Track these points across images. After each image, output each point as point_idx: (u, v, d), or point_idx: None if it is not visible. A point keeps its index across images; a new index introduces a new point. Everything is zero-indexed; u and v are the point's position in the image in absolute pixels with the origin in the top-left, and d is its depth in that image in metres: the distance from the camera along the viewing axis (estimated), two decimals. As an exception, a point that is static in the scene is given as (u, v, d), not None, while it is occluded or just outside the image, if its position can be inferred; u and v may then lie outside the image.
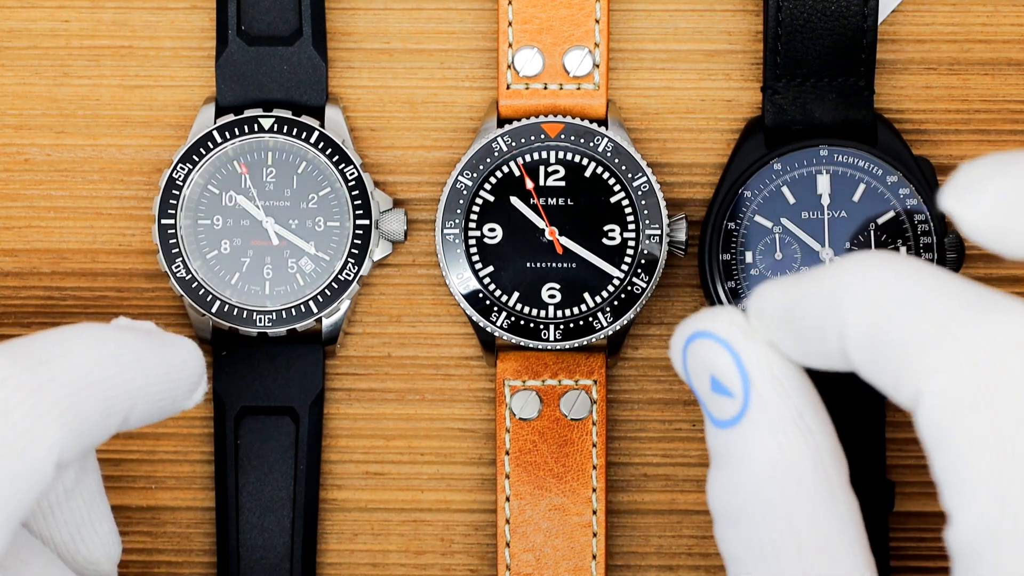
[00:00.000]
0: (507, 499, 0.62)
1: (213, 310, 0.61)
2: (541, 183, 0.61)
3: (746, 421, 0.48)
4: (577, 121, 0.61)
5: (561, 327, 0.61)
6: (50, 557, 0.52)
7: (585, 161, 0.61)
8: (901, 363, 0.45)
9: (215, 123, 0.61)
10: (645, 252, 0.61)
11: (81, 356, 0.49)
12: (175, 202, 0.61)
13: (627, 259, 0.61)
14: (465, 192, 0.61)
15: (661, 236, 0.61)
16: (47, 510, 0.53)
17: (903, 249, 0.61)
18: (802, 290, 0.48)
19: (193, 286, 0.61)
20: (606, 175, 0.61)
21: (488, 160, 0.61)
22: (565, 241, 0.61)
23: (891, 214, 0.61)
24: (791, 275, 0.49)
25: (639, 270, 0.61)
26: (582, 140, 0.61)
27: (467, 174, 0.61)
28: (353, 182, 0.61)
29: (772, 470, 0.48)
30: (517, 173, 0.61)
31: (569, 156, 0.61)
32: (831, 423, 0.49)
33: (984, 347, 0.44)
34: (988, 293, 0.45)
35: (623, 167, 0.61)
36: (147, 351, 0.51)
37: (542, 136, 0.61)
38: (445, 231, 0.61)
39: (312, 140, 0.61)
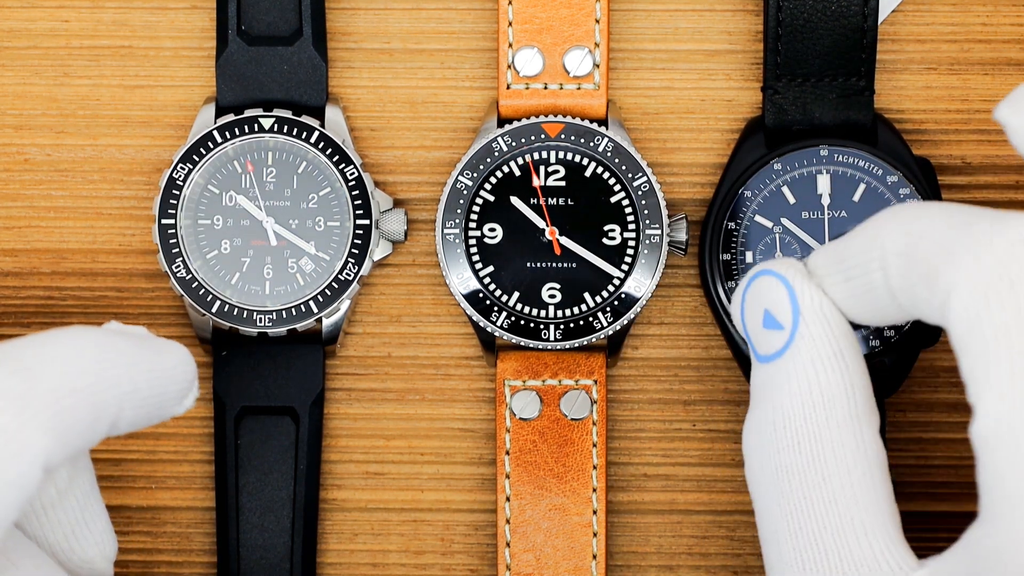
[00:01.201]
0: (507, 499, 0.62)
1: (213, 310, 0.61)
2: (541, 183, 0.61)
3: (790, 352, 0.51)
4: (577, 121, 0.61)
5: (561, 327, 0.61)
6: (42, 559, 0.52)
7: (585, 161, 0.61)
8: (934, 271, 0.48)
9: (215, 123, 0.61)
10: (645, 252, 0.61)
11: (69, 361, 0.49)
12: (175, 202, 0.61)
13: (627, 259, 0.61)
14: (465, 192, 0.61)
15: (661, 236, 0.61)
16: (40, 511, 0.53)
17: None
18: (848, 238, 0.51)
19: (193, 286, 0.61)
20: (606, 175, 0.61)
21: (488, 160, 0.61)
22: (565, 241, 0.61)
23: (891, 214, 0.61)
24: (839, 236, 0.53)
25: (639, 270, 0.61)
26: (582, 140, 0.61)
27: (467, 174, 0.61)
28: (353, 182, 0.61)
29: (806, 398, 0.51)
30: (518, 173, 0.61)
31: (569, 156, 0.61)
32: (868, 374, 0.52)
33: (1007, 245, 0.47)
34: (1010, 211, 0.48)
35: (623, 167, 0.61)
36: (137, 356, 0.51)
37: (542, 136, 0.61)
38: (445, 231, 0.61)
39: (312, 140, 0.61)
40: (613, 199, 0.61)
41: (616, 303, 0.61)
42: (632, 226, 0.61)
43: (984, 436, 0.46)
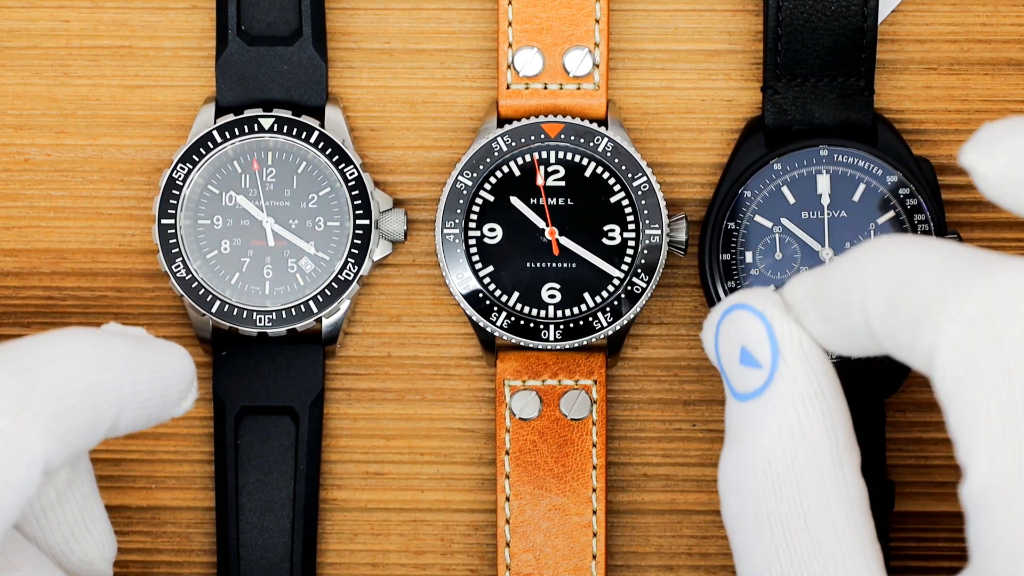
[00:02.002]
0: (507, 499, 0.62)
1: (213, 310, 0.61)
2: (541, 183, 0.61)
3: (769, 392, 0.49)
4: (577, 121, 0.61)
5: (561, 327, 0.61)
6: (42, 560, 0.52)
7: (585, 161, 0.61)
8: (918, 321, 0.46)
9: (215, 123, 0.61)
10: (645, 252, 0.61)
11: (68, 362, 0.49)
12: (175, 202, 0.61)
13: (627, 259, 0.61)
14: (465, 192, 0.61)
15: (661, 236, 0.61)
16: (39, 512, 0.53)
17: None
18: (827, 273, 0.49)
19: (193, 286, 0.61)
20: (606, 175, 0.61)
21: (488, 160, 0.61)
22: (565, 241, 0.61)
23: (891, 214, 0.61)
24: (819, 267, 0.51)
25: (639, 270, 0.61)
26: (582, 140, 0.61)
27: (467, 174, 0.61)
28: (353, 182, 0.61)
29: (787, 441, 0.49)
30: (518, 173, 0.61)
31: (569, 156, 0.61)
32: (848, 411, 0.50)
33: (995, 297, 0.45)
34: (999, 256, 0.46)
35: (623, 167, 0.61)
36: (136, 358, 0.51)
37: (542, 136, 0.61)
38: (445, 231, 0.61)
39: (312, 140, 0.61)
40: (613, 199, 0.61)
41: (616, 303, 0.61)
42: (632, 226, 0.61)
43: (977, 497, 0.45)
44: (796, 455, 0.49)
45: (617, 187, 0.61)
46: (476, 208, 0.61)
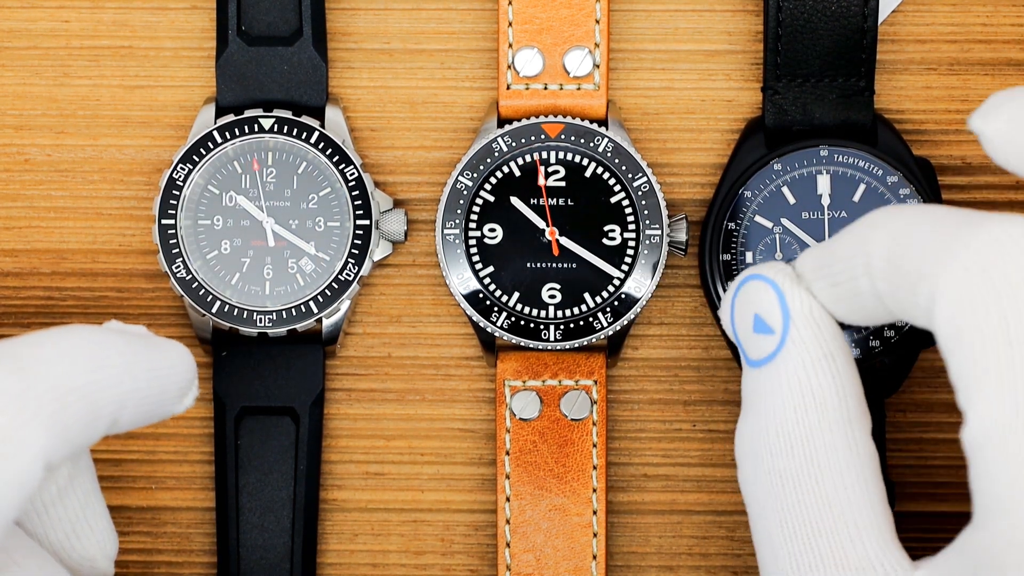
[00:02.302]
0: (507, 499, 0.62)
1: (213, 310, 0.61)
2: (541, 183, 0.61)
3: (781, 356, 0.51)
4: (577, 121, 0.61)
5: (561, 327, 0.61)
6: (44, 557, 0.52)
7: (585, 161, 0.61)
8: (917, 274, 0.48)
9: (215, 123, 0.61)
10: (645, 252, 0.61)
11: (68, 360, 0.49)
12: (175, 202, 0.61)
13: (627, 259, 0.61)
14: (465, 192, 0.61)
15: (661, 236, 0.61)
16: (40, 509, 0.53)
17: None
18: (834, 242, 0.51)
19: (193, 286, 0.61)
20: (606, 175, 0.61)
21: (488, 160, 0.61)
22: (565, 241, 0.61)
23: (891, 214, 0.61)
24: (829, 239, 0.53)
25: (639, 270, 0.61)
26: (582, 140, 0.61)
27: (467, 174, 0.61)
28: (353, 182, 0.61)
29: (798, 401, 0.51)
30: (518, 173, 0.61)
31: (569, 156, 0.61)
32: (858, 376, 0.52)
33: (988, 244, 0.46)
34: (992, 213, 0.48)
35: (623, 167, 0.61)
36: (136, 355, 0.51)
37: (542, 136, 0.61)
38: (445, 231, 0.61)
39: (312, 140, 0.61)
40: (613, 199, 0.61)
41: (616, 303, 0.61)
42: (632, 226, 0.61)
43: (976, 441, 0.46)
44: (807, 414, 0.51)
45: (617, 187, 0.61)
46: (476, 208, 0.61)
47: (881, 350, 0.61)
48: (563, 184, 0.61)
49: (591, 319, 0.61)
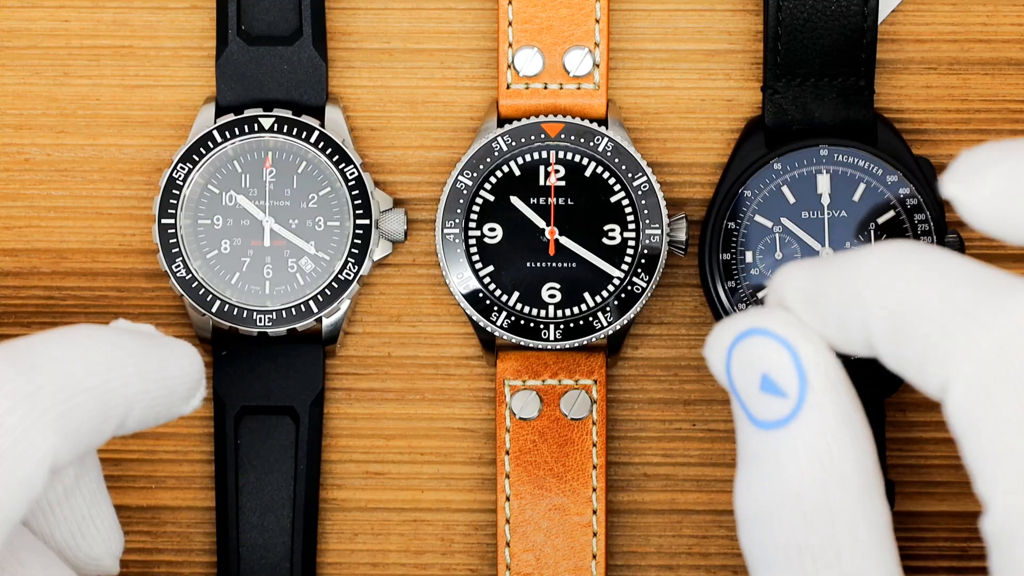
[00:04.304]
0: (507, 499, 0.62)
1: (213, 310, 0.61)
2: (541, 183, 0.61)
3: (797, 422, 0.47)
4: (577, 121, 0.61)
5: (561, 327, 0.61)
6: (49, 557, 0.52)
7: (585, 161, 0.61)
8: (927, 353, 0.45)
9: (215, 123, 0.61)
10: (645, 252, 0.61)
11: (77, 360, 0.49)
12: (175, 202, 0.61)
13: (627, 259, 0.61)
14: (465, 192, 0.61)
15: (661, 236, 0.61)
16: (47, 509, 0.53)
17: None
18: (824, 277, 0.48)
19: (193, 286, 0.61)
20: (606, 175, 0.61)
21: (488, 160, 0.61)
22: (565, 241, 0.61)
23: (891, 214, 0.61)
24: (811, 259, 0.49)
25: (639, 270, 0.61)
26: (582, 140, 0.61)
27: (467, 174, 0.61)
28: (353, 182, 0.61)
29: (818, 471, 0.47)
30: (518, 173, 0.61)
31: (569, 156, 0.61)
32: (871, 434, 0.49)
33: (1009, 330, 0.44)
34: (1009, 277, 0.45)
35: (623, 167, 0.61)
36: (145, 355, 0.50)
37: (542, 136, 0.61)
38: (445, 231, 0.61)
39: (312, 140, 0.61)
40: (613, 199, 0.61)
41: (616, 303, 0.61)
42: (632, 226, 0.61)
43: (999, 532, 0.44)
44: (827, 485, 0.47)
45: (617, 187, 0.61)
46: (476, 208, 0.61)
47: (881, 350, 0.61)
48: (563, 184, 0.61)
49: (591, 318, 0.61)
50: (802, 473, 0.47)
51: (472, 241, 0.61)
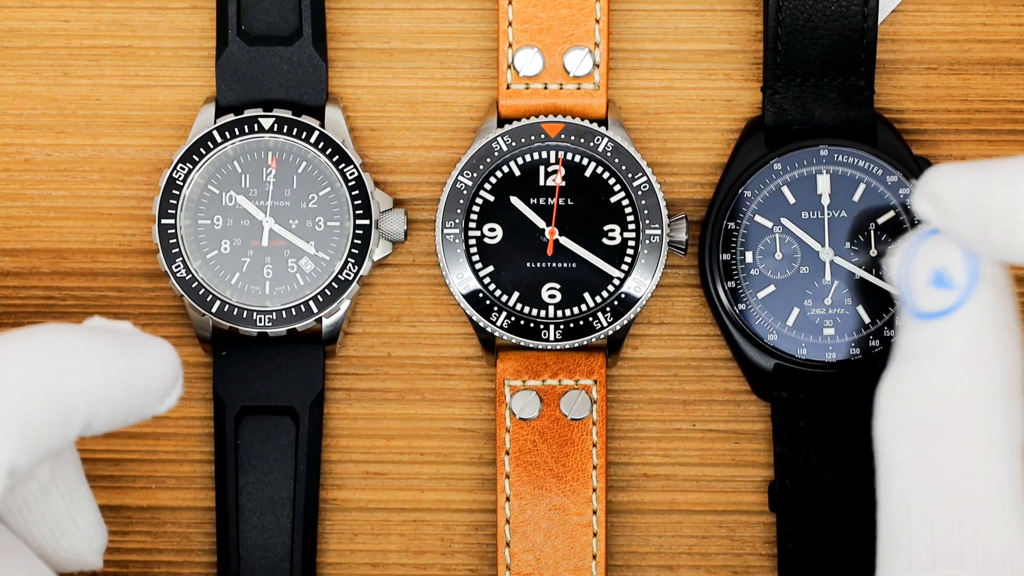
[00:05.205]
0: (507, 499, 0.62)
1: (213, 310, 0.61)
2: (541, 183, 0.61)
3: (960, 313, 0.49)
4: (577, 121, 0.61)
5: (561, 327, 0.61)
6: (25, 553, 0.51)
7: (585, 161, 0.61)
8: None
9: (215, 123, 0.61)
10: (645, 252, 0.61)
11: (37, 363, 0.47)
12: (175, 202, 0.61)
13: (627, 259, 0.61)
14: (465, 192, 0.61)
15: (661, 236, 0.61)
16: (22, 506, 0.51)
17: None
18: (990, 181, 0.48)
19: (193, 286, 0.61)
20: (606, 175, 0.61)
21: (488, 160, 0.61)
22: (565, 241, 0.61)
23: (891, 214, 0.61)
24: (972, 163, 0.50)
25: (639, 270, 0.61)
26: (582, 140, 0.61)
27: (467, 174, 0.61)
28: (353, 182, 0.61)
29: (968, 360, 0.48)
30: (518, 173, 0.61)
31: (569, 156, 0.61)
32: None
33: None
34: None
35: (623, 167, 0.61)
36: (113, 356, 0.49)
37: (542, 136, 0.61)
38: (445, 231, 0.61)
39: (312, 140, 0.61)
40: (613, 199, 0.61)
41: (616, 303, 0.61)
42: (632, 226, 0.61)
43: None
44: (974, 377, 0.49)
45: (617, 187, 0.61)
46: (476, 208, 0.61)
47: (881, 350, 0.61)
48: (563, 184, 0.61)
49: (591, 319, 0.61)
50: (952, 359, 0.48)
51: (472, 241, 0.61)
